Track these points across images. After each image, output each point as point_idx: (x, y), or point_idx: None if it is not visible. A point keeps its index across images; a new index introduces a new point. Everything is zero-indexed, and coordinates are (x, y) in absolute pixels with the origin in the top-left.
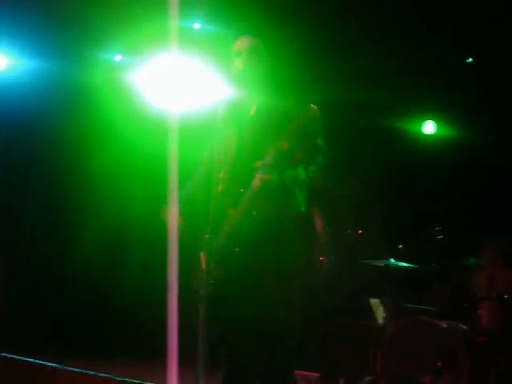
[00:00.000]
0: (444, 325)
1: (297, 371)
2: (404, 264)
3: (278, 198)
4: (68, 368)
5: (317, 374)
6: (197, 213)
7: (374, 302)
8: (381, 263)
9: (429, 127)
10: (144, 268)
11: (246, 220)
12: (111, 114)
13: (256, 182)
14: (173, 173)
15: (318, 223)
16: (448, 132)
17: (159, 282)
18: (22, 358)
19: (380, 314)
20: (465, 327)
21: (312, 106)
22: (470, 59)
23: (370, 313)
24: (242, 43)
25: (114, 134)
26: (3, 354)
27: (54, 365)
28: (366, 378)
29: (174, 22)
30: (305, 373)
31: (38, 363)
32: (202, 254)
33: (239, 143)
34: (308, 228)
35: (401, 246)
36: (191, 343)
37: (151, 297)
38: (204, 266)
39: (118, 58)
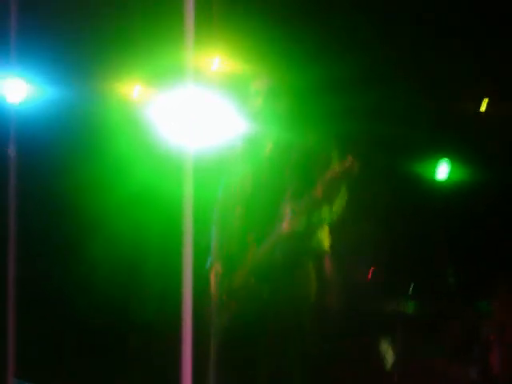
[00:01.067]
0: (454, 371)
1: None
2: (413, 308)
3: (302, 241)
4: None
5: None
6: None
7: (385, 346)
8: (390, 307)
9: (444, 170)
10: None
11: (269, 259)
12: (126, 149)
13: (285, 226)
14: (188, 210)
15: (328, 262)
16: (461, 174)
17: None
18: None
19: (390, 359)
20: (476, 374)
21: (348, 159)
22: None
23: (379, 358)
24: (261, 83)
25: (128, 170)
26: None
27: None
28: None
29: (193, 57)
30: None
31: None
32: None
33: (256, 181)
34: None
35: (411, 291)
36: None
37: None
38: (216, 298)
39: (136, 91)
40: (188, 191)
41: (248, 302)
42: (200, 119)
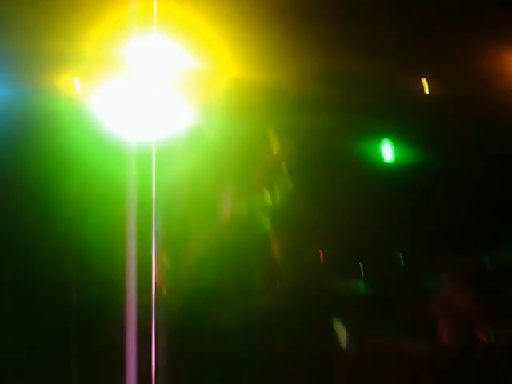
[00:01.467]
0: (405, 346)
1: None
2: (364, 288)
3: (244, 226)
4: None
5: None
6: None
7: (336, 323)
8: (341, 286)
9: (388, 150)
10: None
11: (213, 247)
12: (70, 141)
13: (225, 212)
14: (132, 200)
15: (275, 244)
16: (408, 154)
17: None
18: None
19: (342, 337)
20: (426, 347)
21: (286, 143)
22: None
23: (332, 335)
24: (203, 72)
25: (72, 162)
26: None
27: None
28: None
29: (137, 47)
30: None
31: None
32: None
33: (200, 168)
34: (267, 251)
35: (362, 268)
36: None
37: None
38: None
39: (77, 82)
40: (132, 181)
41: (193, 290)
42: (144, 109)
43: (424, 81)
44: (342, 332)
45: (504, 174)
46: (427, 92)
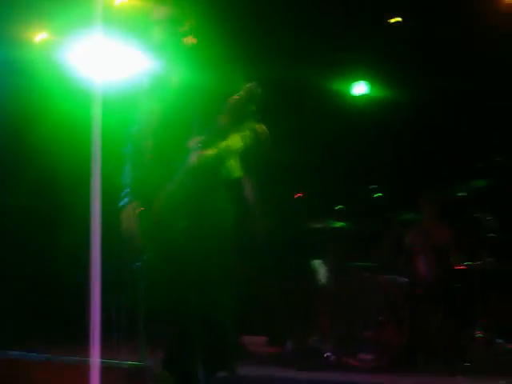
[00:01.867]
0: (384, 280)
1: (245, 336)
2: (343, 224)
3: (213, 171)
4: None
5: (264, 338)
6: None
7: (317, 263)
8: (320, 225)
9: (360, 88)
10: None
11: (182, 195)
12: (36, 92)
13: (193, 159)
14: (97, 147)
15: (249, 190)
16: (380, 92)
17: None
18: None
19: (323, 275)
20: (404, 280)
21: (250, 83)
22: (397, 19)
23: (313, 274)
24: (162, 12)
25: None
26: None
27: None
28: (313, 338)
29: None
30: (252, 337)
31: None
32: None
33: (164, 115)
34: (240, 195)
35: (340, 207)
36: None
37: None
38: (136, 237)
39: (40, 36)
40: (97, 132)
41: (164, 240)
42: (106, 58)
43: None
44: (321, 268)
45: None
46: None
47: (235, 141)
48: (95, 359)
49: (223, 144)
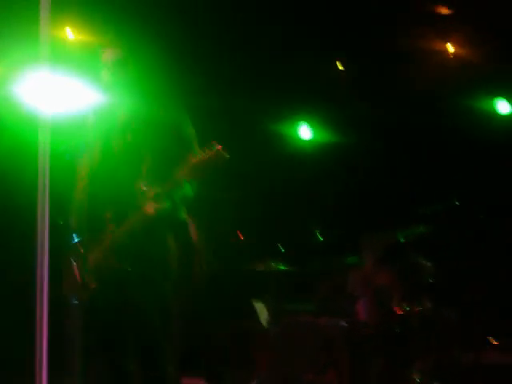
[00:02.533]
0: (325, 323)
1: (184, 379)
2: (284, 267)
3: (165, 220)
4: None
5: (202, 381)
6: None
7: (258, 305)
8: (261, 267)
9: (304, 131)
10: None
11: (131, 239)
12: None
13: (149, 210)
14: (45, 179)
15: (193, 231)
16: (323, 135)
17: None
18: None
19: (264, 317)
20: (345, 324)
21: (217, 147)
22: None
23: (254, 316)
24: (109, 54)
25: None
26: None
27: None
28: (253, 381)
29: (44, 32)
30: (192, 380)
31: None
32: (73, 263)
33: (110, 151)
34: (184, 237)
35: (283, 250)
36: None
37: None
38: (77, 275)
39: None
40: (44, 165)
41: (110, 281)
42: (55, 93)
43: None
44: (262, 311)
45: (418, 156)
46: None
47: (188, 190)
48: None
49: (178, 194)
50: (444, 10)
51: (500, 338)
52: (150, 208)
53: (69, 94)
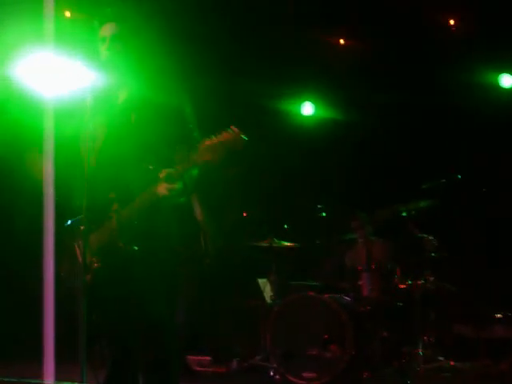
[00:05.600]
0: (328, 298)
1: (190, 356)
2: (288, 242)
3: (175, 200)
4: None
5: (209, 358)
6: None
7: (262, 281)
8: (265, 243)
9: (307, 109)
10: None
11: (140, 221)
12: None
13: (162, 191)
14: (49, 160)
15: (198, 210)
16: (325, 113)
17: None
18: None
19: (268, 293)
20: (348, 299)
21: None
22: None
23: (258, 293)
24: (107, 30)
25: None
26: None
27: None
28: (258, 357)
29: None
30: (198, 357)
31: None
32: (76, 245)
33: (112, 130)
34: (188, 216)
35: (286, 226)
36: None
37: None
38: (80, 257)
39: None
40: (49, 146)
41: (115, 260)
42: (57, 74)
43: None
44: (266, 287)
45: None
46: None
47: (195, 171)
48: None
49: (189, 175)
50: None
51: (502, 312)
52: (163, 189)
53: (70, 73)
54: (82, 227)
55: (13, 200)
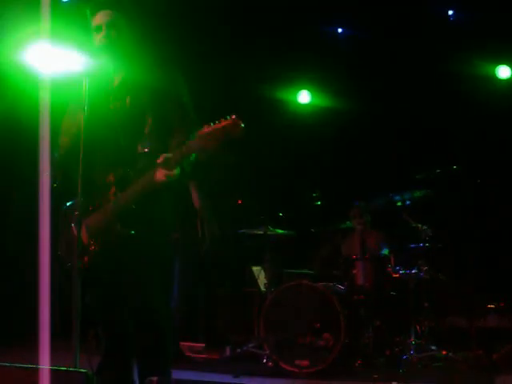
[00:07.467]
0: (322, 287)
1: (183, 342)
2: (282, 231)
3: (173, 186)
4: None
5: (203, 344)
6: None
7: (256, 269)
8: (259, 231)
9: (304, 97)
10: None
11: (138, 206)
12: None
13: (160, 177)
14: (45, 143)
15: (195, 196)
16: (322, 101)
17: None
18: None
19: (262, 281)
20: (341, 288)
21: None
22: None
23: (252, 280)
24: (101, 17)
25: None
26: None
27: None
28: (251, 344)
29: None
30: (191, 344)
31: None
32: (73, 226)
33: (107, 117)
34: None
35: (281, 214)
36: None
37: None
38: (77, 238)
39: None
40: (45, 131)
41: (109, 242)
42: (53, 56)
43: None
44: (262, 275)
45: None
46: None
47: (193, 157)
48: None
49: (187, 161)
50: None
51: (495, 302)
52: (161, 174)
53: (65, 56)
54: (76, 212)
55: (9, 185)
